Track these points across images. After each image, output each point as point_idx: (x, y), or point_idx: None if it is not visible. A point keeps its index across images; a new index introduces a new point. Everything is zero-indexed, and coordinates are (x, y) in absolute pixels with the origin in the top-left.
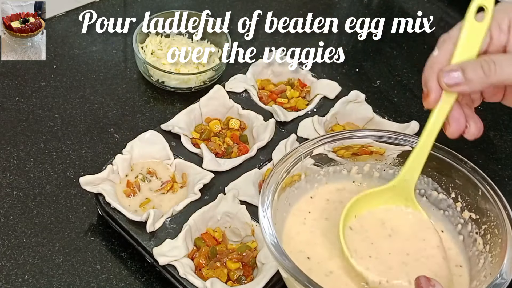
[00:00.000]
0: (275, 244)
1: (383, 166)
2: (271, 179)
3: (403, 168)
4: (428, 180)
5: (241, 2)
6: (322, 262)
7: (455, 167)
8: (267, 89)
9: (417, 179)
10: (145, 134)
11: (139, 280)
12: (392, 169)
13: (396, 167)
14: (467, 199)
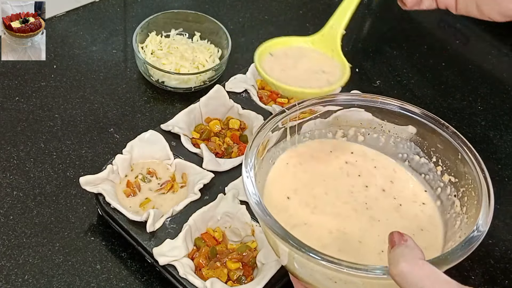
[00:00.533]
0: (257, 203)
1: (367, 130)
2: (254, 141)
3: (331, 18)
4: (410, 145)
5: (241, 2)
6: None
7: (437, 132)
8: (267, 89)
9: (343, 28)
10: (145, 134)
11: (139, 280)
12: (376, 133)
13: (380, 132)
14: (447, 162)
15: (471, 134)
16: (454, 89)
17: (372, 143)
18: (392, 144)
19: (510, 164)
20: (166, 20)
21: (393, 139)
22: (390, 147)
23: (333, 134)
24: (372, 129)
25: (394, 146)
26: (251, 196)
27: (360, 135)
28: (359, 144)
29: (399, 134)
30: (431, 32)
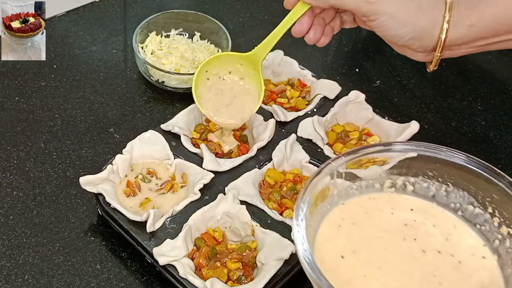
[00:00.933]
0: (309, 262)
1: (416, 180)
2: (306, 191)
3: (257, 47)
4: (463, 194)
5: (241, 2)
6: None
7: (493, 182)
8: (267, 89)
9: (265, 56)
10: (145, 134)
11: (139, 280)
12: (427, 183)
13: (430, 180)
14: (505, 214)
15: (471, 134)
16: (454, 89)
17: (422, 192)
18: (444, 193)
19: (510, 164)
20: (166, 20)
21: (444, 187)
22: (442, 196)
23: (380, 185)
24: (422, 178)
25: (446, 196)
26: (302, 253)
27: (409, 184)
28: (410, 196)
29: (453, 182)
30: None
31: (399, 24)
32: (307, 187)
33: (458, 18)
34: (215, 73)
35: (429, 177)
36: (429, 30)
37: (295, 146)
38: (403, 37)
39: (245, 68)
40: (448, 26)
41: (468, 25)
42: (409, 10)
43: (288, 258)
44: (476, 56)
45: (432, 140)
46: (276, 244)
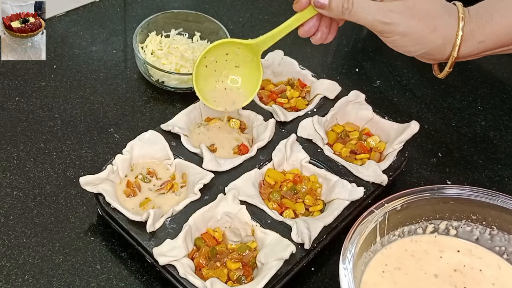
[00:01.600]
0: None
1: (459, 224)
2: (355, 232)
3: (261, 37)
4: (509, 237)
5: (241, 2)
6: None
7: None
8: (267, 89)
9: (266, 48)
10: (145, 134)
11: (139, 280)
12: (470, 226)
13: (474, 224)
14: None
15: (471, 134)
16: (454, 89)
17: (465, 236)
18: (488, 236)
19: (510, 164)
20: (166, 20)
21: (488, 231)
22: (486, 239)
23: (423, 230)
24: (465, 222)
25: (490, 239)
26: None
27: (452, 228)
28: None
29: (498, 226)
30: None
31: (412, 42)
32: (355, 229)
33: (470, 34)
34: (213, 59)
35: (472, 220)
36: (441, 47)
37: (295, 146)
38: (414, 52)
39: (243, 52)
40: (460, 43)
41: (478, 41)
42: (423, 31)
43: (288, 258)
44: None
45: (432, 140)
46: (276, 244)
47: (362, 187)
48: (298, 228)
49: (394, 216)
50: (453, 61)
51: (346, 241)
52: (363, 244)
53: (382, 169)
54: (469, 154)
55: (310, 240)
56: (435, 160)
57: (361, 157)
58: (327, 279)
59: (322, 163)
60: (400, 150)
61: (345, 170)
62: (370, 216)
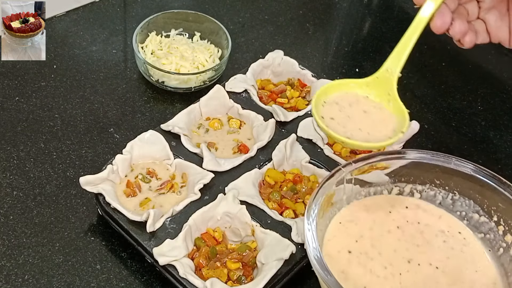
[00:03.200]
0: (317, 259)
1: (423, 188)
2: (319, 191)
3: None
4: (469, 203)
5: (241, 2)
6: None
7: (498, 190)
8: (267, 89)
9: (399, 70)
10: (145, 134)
11: (139, 280)
12: (433, 190)
13: (437, 188)
14: (510, 223)
15: (471, 134)
16: (454, 89)
17: (429, 199)
18: (450, 201)
19: (510, 164)
20: (166, 20)
21: (451, 196)
22: (448, 204)
23: (388, 192)
24: (429, 186)
25: (452, 204)
26: (312, 251)
27: (417, 192)
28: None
29: (459, 191)
30: (431, 32)
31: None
32: (319, 189)
33: None
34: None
35: (436, 185)
36: None
37: (295, 146)
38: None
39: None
40: None
41: None
42: None
43: (288, 258)
44: (476, 56)
45: (432, 140)
46: (276, 244)
47: None
48: (298, 228)
49: (360, 177)
50: None
51: (311, 197)
52: (328, 200)
53: None
54: (469, 154)
55: None
56: None
57: None
58: None
59: (322, 163)
60: None
61: None
62: (337, 173)
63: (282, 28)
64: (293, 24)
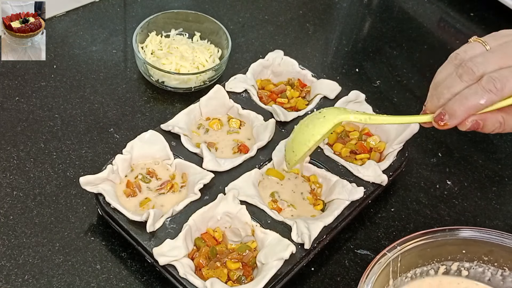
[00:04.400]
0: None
1: (471, 265)
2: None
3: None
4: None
5: (241, 2)
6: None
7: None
8: (267, 89)
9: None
10: (145, 134)
11: (139, 280)
12: (481, 267)
13: (486, 265)
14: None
15: (471, 134)
16: None
17: (477, 276)
18: (500, 277)
19: (510, 164)
20: (166, 20)
21: (500, 272)
22: (498, 281)
23: (435, 271)
24: (477, 263)
25: (502, 280)
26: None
27: (464, 269)
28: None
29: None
30: (431, 32)
31: None
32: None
33: None
34: None
35: (484, 262)
36: None
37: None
38: None
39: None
40: None
41: None
42: None
43: (288, 258)
44: None
45: (432, 140)
46: (276, 244)
47: (362, 187)
48: (298, 228)
49: (406, 259)
50: None
51: (361, 283)
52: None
53: (382, 169)
54: (469, 154)
55: (310, 240)
56: (435, 160)
57: (361, 157)
58: (327, 279)
59: (322, 163)
60: (400, 150)
61: (345, 170)
62: (382, 259)
63: (282, 28)
64: (293, 24)
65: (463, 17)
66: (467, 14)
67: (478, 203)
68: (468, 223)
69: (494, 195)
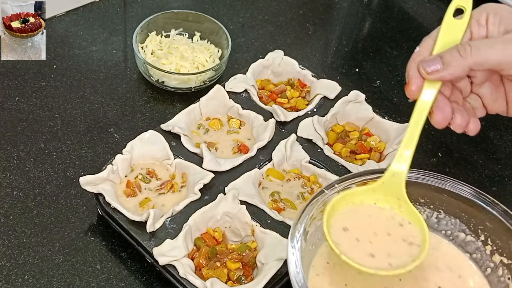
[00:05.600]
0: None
1: None
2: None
3: (391, 162)
4: (455, 221)
5: (241, 2)
6: None
7: (486, 209)
8: (267, 89)
9: (407, 173)
10: (145, 134)
11: (139, 280)
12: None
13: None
14: (498, 242)
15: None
16: None
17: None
18: (435, 220)
19: (510, 164)
20: (166, 20)
21: (436, 214)
22: (433, 223)
23: None
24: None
25: (437, 222)
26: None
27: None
28: None
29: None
30: (431, 31)
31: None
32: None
33: None
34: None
35: (420, 204)
36: None
37: (295, 146)
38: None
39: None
40: None
41: None
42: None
43: None
44: None
45: (432, 140)
46: (276, 244)
47: None
48: None
49: None
50: None
51: (295, 220)
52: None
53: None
54: (469, 154)
55: None
56: (435, 160)
57: (361, 157)
58: None
59: (322, 163)
60: None
61: (345, 170)
62: (320, 196)
63: (282, 28)
64: (293, 24)
65: None
66: None
67: None
68: None
69: (494, 195)
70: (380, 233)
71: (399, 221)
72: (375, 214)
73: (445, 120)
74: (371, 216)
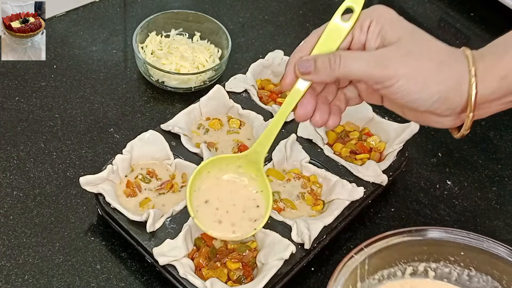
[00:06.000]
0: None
1: (438, 266)
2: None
3: (255, 142)
4: (487, 278)
5: (241, 2)
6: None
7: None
8: (267, 89)
9: (266, 152)
10: (145, 134)
11: (139, 280)
12: (448, 267)
13: (452, 265)
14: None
15: (471, 134)
16: None
17: (444, 276)
18: (466, 277)
19: (510, 164)
20: (166, 20)
21: (467, 272)
22: (464, 280)
23: (402, 273)
24: (443, 264)
25: (469, 280)
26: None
27: (431, 270)
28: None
29: (476, 267)
30: (431, 32)
31: (420, 85)
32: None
33: (486, 70)
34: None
35: (451, 262)
36: (455, 87)
37: (295, 146)
38: (426, 100)
39: (245, 170)
40: (476, 80)
41: (499, 76)
42: (428, 69)
43: (288, 258)
44: None
45: (432, 140)
46: (276, 244)
47: (362, 187)
48: (298, 228)
49: (373, 261)
50: (474, 102)
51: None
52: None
53: (382, 169)
54: (469, 154)
55: (310, 240)
56: (435, 160)
57: (361, 157)
58: (327, 279)
59: (322, 163)
60: (400, 150)
61: (345, 170)
62: (349, 262)
63: (282, 28)
64: (293, 24)
65: (463, 17)
66: (467, 14)
67: (478, 203)
68: (468, 223)
69: (494, 195)
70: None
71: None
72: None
73: (306, 116)
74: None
